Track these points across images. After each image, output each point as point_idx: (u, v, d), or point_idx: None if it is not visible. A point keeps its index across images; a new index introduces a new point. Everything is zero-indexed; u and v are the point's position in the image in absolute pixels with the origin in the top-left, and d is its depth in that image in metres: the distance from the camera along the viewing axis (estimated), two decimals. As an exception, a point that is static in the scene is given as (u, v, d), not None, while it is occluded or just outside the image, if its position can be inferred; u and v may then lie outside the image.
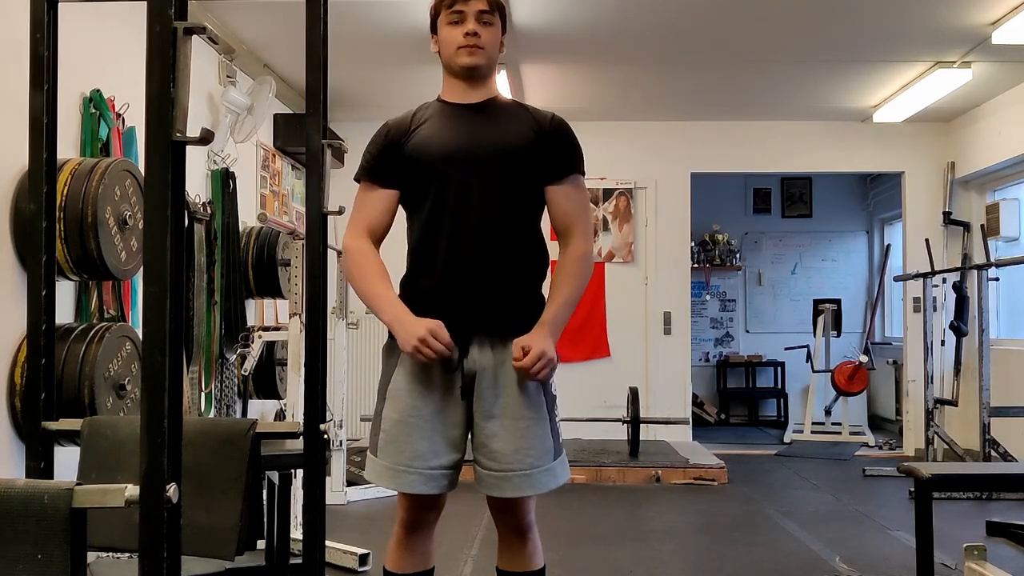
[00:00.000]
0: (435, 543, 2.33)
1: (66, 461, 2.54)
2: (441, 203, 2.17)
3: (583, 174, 2.31)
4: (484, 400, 2.16)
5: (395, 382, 2.19)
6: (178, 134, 1.47)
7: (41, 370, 2.31)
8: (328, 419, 2.91)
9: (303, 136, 2.45)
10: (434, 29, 2.27)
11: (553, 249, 2.20)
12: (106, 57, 3.80)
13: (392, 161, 2.23)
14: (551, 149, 2.23)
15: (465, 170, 2.17)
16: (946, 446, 5.86)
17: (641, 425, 6.31)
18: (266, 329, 4.85)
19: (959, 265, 6.51)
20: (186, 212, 4.31)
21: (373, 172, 2.26)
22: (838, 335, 8.54)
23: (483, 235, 2.16)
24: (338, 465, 5.05)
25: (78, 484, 1.44)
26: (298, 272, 4.16)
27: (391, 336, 2.22)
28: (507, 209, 2.19)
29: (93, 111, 3.65)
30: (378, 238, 2.27)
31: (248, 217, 5.25)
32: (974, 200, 7.23)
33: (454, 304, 2.16)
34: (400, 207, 2.31)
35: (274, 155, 6.05)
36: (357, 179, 2.29)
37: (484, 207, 2.16)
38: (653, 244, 7.44)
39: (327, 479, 4.06)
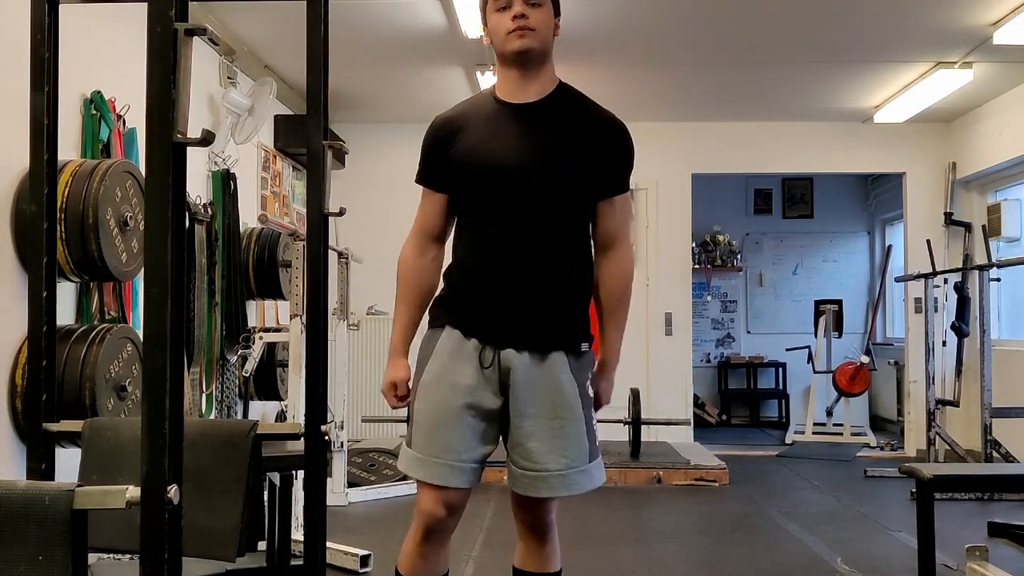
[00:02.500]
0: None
1: (67, 463, 2.54)
2: (487, 218, 2.16)
3: (628, 191, 2.29)
4: (520, 399, 2.14)
5: (427, 374, 2.18)
6: (179, 135, 1.48)
7: (42, 371, 2.31)
8: (329, 420, 2.91)
9: (304, 137, 2.45)
10: (484, 19, 2.22)
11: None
12: (107, 58, 3.80)
13: (440, 164, 2.20)
14: (608, 164, 2.19)
15: (514, 186, 2.13)
16: (947, 447, 5.86)
17: (642, 426, 6.30)
18: (267, 330, 4.84)
19: (960, 266, 6.51)
20: (187, 213, 4.31)
21: (425, 176, 2.25)
22: (839, 336, 8.54)
23: (528, 256, 2.13)
24: (339, 466, 5.05)
25: (79, 485, 1.44)
26: (299, 273, 4.16)
27: (429, 327, 2.24)
28: (555, 229, 2.16)
29: (94, 112, 3.65)
30: (434, 239, 2.27)
31: (249, 218, 5.25)
32: (975, 200, 7.22)
33: (494, 319, 2.15)
34: None
35: (275, 156, 6.06)
36: (417, 181, 2.28)
37: (531, 226, 2.13)
38: (654, 245, 7.44)
39: (328, 480, 4.05)
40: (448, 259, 2.30)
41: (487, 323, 2.14)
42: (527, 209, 2.12)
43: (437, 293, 2.27)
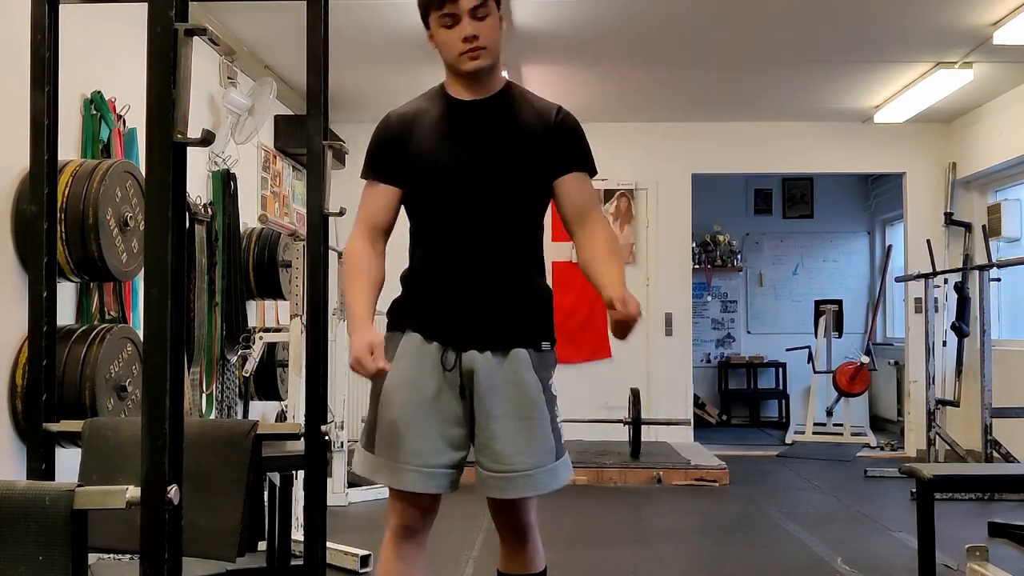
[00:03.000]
0: (431, 548, 2.27)
1: (67, 463, 2.54)
2: (443, 218, 2.13)
3: (592, 173, 2.23)
4: (485, 401, 2.11)
5: (390, 380, 2.12)
6: (179, 135, 1.48)
7: (42, 371, 2.31)
8: (329, 420, 2.91)
9: (304, 137, 2.45)
10: (426, 25, 2.15)
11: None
12: (107, 58, 3.80)
13: (392, 158, 2.16)
14: (558, 144, 2.17)
15: (470, 185, 2.11)
16: (948, 447, 5.86)
17: (642, 426, 6.30)
18: (267, 330, 4.84)
19: (960, 266, 6.50)
20: (187, 213, 4.31)
21: (373, 169, 2.19)
22: (839, 336, 8.53)
23: (487, 255, 2.12)
24: (339, 466, 5.05)
25: (79, 486, 1.44)
26: (299, 273, 4.16)
27: (388, 330, 2.19)
28: (512, 226, 2.15)
29: (94, 112, 3.65)
30: (381, 233, 2.20)
31: (249, 218, 5.25)
32: (975, 200, 7.22)
33: (455, 321, 2.12)
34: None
35: (275, 156, 6.06)
36: (363, 177, 2.21)
37: (489, 224, 2.12)
38: (654, 245, 7.44)
39: (328, 480, 4.05)
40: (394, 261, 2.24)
41: (448, 325, 2.12)
42: (484, 207, 2.11)
43: (395, 297, 2.22)
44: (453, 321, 2.12)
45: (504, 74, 2.27)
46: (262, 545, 3.43)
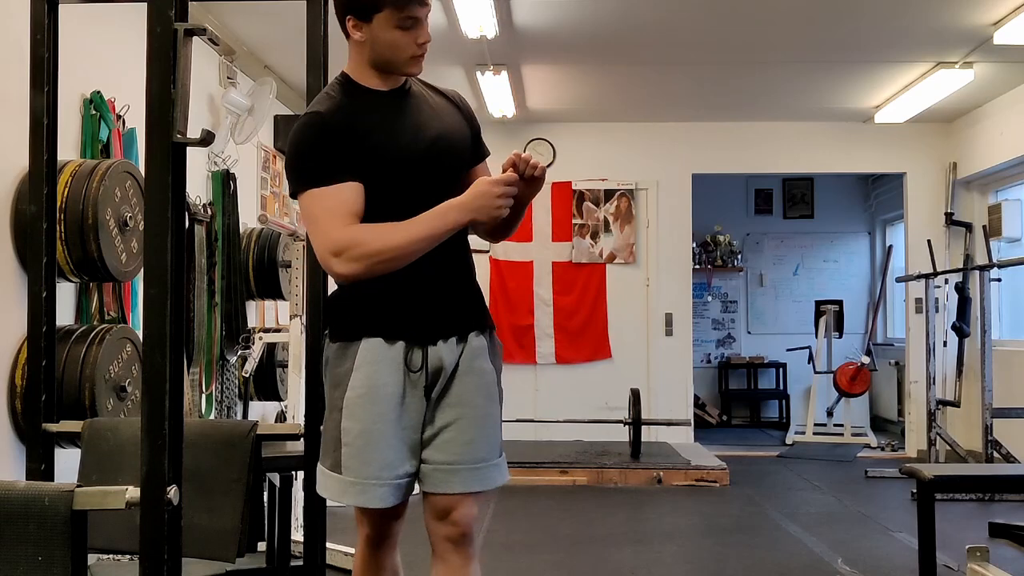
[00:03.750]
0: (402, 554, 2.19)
1: (67, 463, 2.54)
2: (403, 206, 1.97)
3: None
4: (445, 391, 2.03)
5: (353, 390, 1.99)
6: (179, 135, 1.47)
7: (42, 372, 2.31)
8: (329, 421, 2.91)
9: (304, 137, 2.44)
10: (363, 15, 1.97)
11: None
12: (107, 58, 3.79)
13: (348, 154, 1.97)
14: (473, 132, 2.17)
15: (421, 174, 2.04)
16: (948, 447, 5.85)
17: (643, 427, 6.30)
18: (267, 331, 4.84)
19: (961, 266, 6.50)
20: (186, 214, 4.30)
21: (329, 170, 1.95)
22: (840, 336, 8.53)
23: (446, 241, 2.02)
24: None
25: (79, 486, 1.44)
26: (299, 273, 4.15)
27: (333, 341, 2.05)
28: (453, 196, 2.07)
29: (93, 112, 3.64)
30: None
31: (249, 218, 5.25)
32: (976, 201, 7.22)
33: (420, 313, 2.02)
34: None
35: (275, 156, 6.05)
36: (305, 188, 1.96)
37: (436, 197, 2.00)
38: (654, 245, 7.43)
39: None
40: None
41: (414, 319, 2.01)
42: (439, 195, 1.99)
43: (334, 301, 2.09)
44: (419, 313, 2.02)
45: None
46: (262, 546, 3.43)
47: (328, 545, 2.77)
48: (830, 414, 8.12)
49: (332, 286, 2.13)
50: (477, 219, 1.97)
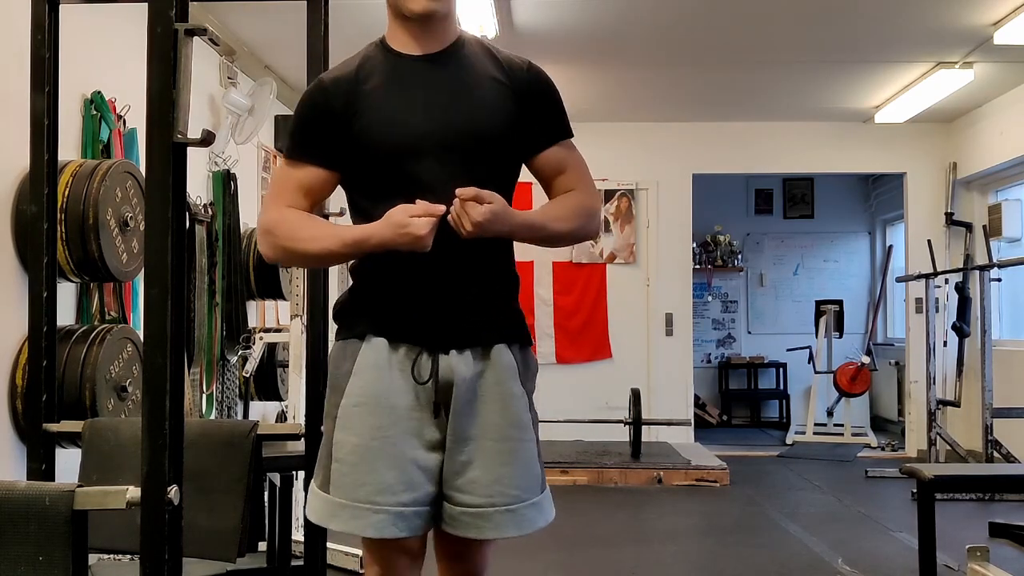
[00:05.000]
0: None
1: (67, 463, 2.54)
2: (405, 197, 1.71)
3: (571, 135, 1.89)
4: (459, 416, 1.73)
5: (350, 397, 1.73)
6: (179, 136, 1.48)
7: (42, 372, 2.31)
8: (330, 421, 2.90)
9: (304, 137, 2.44)
10: None
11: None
12: (107, 59, 3.79)
13: (329, 135, 1.76)
14: (534, 113, 1.82)
15: (433, 160, 1.73)
16: (948, 447, 5.85)
17: (643, 426, 6.30)
18: (267, 331, 4.84)
19: (961, 266, 6.49)
20: (187, 214, 4.30)
21: (301, 146, 1.78)
22: (840, 336, 8.53)
23: (455, 236, 1.70)
24: (340, 467, 5.04)
25: (79, 486, 1.44)
26: (299, 274, 4.15)
27: (339, 339, 1.81)
28: None
29: (94, 113, 3.64)
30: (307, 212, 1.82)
31: (249, 219, 5.24)
32: (976, 201, 7.22)
33: (429, 312, 1.74)
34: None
35: (275, 156, 6.05)
36: (285, 156, 1.82)
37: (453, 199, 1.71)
38: (655, 245, 7.43)
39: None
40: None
41: (422, 319, 1.73)
42: (453, 181, 1.70)
43: (344, 297, 1.84)
44: (427, 313, 1.74)
45: (459, 26, 1.91)
46: (262, 546, 3.43)
47: (328, 545, 2.77)
48: (830, 414, 8.12)
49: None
50: (397, 248, 1.68)
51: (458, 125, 1.75)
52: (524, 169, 1.91)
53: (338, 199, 2.03)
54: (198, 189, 4.66)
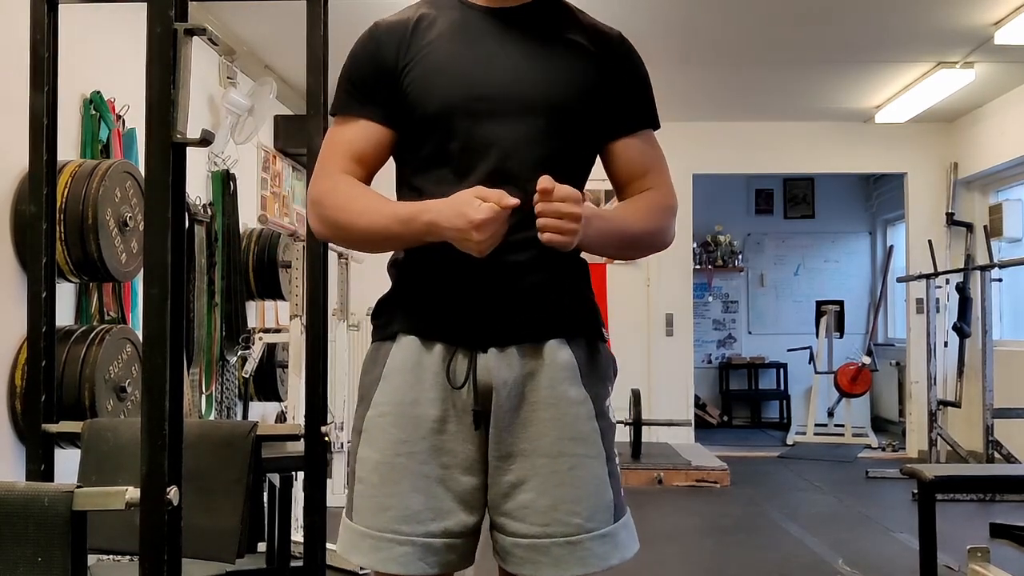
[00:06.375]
0: None
1: (66, 464, 2.53)
2: (459, 171, 1.47)
3: (658, 127, 1.65)
4: (502, 428, 1.44)
5: (376, 407, 1.48)
6: (178, 136, 1.47)
7: (41, 372, 2.30)
8: (329, 421, 2.91)
9: (304, 137, 2.44)
10: None
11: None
12: (106, 58, 3.79)
13: (382, 86, 1.51)
14: (620, 91, 1.57)
15: (496, 124, 1.46)
16: (949, 448, 5.85)
17: (643, 427, 6.30)
18: (267, 331, 4.84)
19: (962, 266, 6.50)
20: (186, 214, 4.30)
21: (354, 99, 1.53)
22: (841, 336, 8.53)
23: (520, 222, 1.41)
24: (339, 467, 5.04)
25: (78, 487, 1.43)
26: (299, 274, 4.15)
27: (373, 341, 1.55)
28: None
29: (93, 113, 3.64)
30: (367, 179, 1.55)
31: (249, 219, 5.24)
32: (977, 201, 7.21)
33: (467, 305, 1.46)
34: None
35: (275, 157, 6.05)
36: (333, 112, 1.58)
37: (520, 174, 1.45)
38: (655, 245, 7.42)
39: (328, 481, 4.04)
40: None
41: (458, 312, 1.46)
42: (520, 156, 1.46)
43: (383, 297, 1.57)
44: (465, 305, 1.46)
45: None
46: (262, 546, 3.43)
47: (328, 545, 2.76)
48: (831, 414, 8.12)
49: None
50: (447, 237, 1.38)
51: (529, 87, 1.48)
52: None
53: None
54: (198, 189, 4.65)
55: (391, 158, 1.57)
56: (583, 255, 1.54)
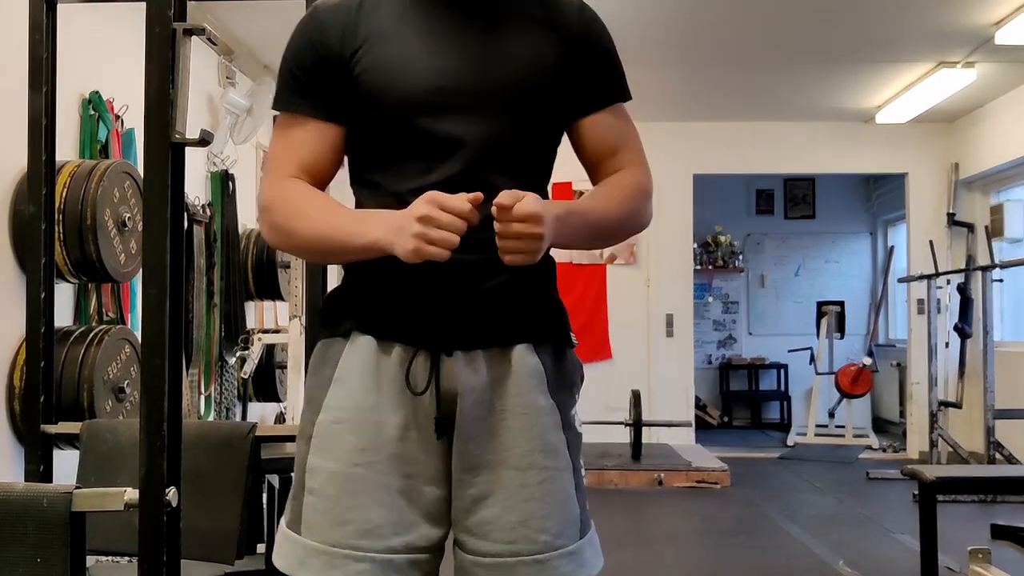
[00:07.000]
0: None
1: (65, 465, 2.53)
2: (418, 165, 1.37)
3: (628, 99, 1.56)
4: (467, 438, 1.35)
5: (328, 411, 1.36)
6: (177, 136, 1.47)
7: (40, 373, 2.30)
8: (329, 422, 2.90)
9: (304, 137, 2.43)
10: None
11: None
12: (105, 58, 3.79)
13: (328, 79, 1.38)
14: (586, 66, 1.48)
15: (458, 117, 1.36)
16: (950, 449, 5.85)
17: (643, 428, 6.29)
18: (266, 331, 4.83)
19: (963, 267, 6.50)
20: (185, 214, 4.29)
21: (296, 94, 1.39)
22: (841, 337, 8.53)
23: (482, 209, 1.28)
24: (339, 468, 5.03)
25: (77, 488, 1.43)
26: (298, 274, 4.14)
27: (321, 335, 1.43)
28: (517, 173, 1.40)
29: (92, 113, 3.64)
30: (321, 184, 1.43)
31: (248, 219, 5.24)
32: (978, 201, 7.21)
33: (428, 303, 1.35)
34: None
35: (275, 157, 6.05)
36: (275, 107, 1.43)
37: (484, 172, 1.36)
38: (655, 246, 7.42)
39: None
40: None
41: (418, 311, 1.35)
42: (479, 148, 1.36)
43: (332, 290, 1.46)
44: (426, 304, 1.35)
45: None
46: (261, 547, 3.42)
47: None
48: (831, 415, 8.11)
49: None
50: (395, 249, 1.27)
51: (490, 73, 1.38)
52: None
53: (338, 198, 1.89)
54: (196, 189, 4.65)
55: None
56: (552, 252, 1.47)
